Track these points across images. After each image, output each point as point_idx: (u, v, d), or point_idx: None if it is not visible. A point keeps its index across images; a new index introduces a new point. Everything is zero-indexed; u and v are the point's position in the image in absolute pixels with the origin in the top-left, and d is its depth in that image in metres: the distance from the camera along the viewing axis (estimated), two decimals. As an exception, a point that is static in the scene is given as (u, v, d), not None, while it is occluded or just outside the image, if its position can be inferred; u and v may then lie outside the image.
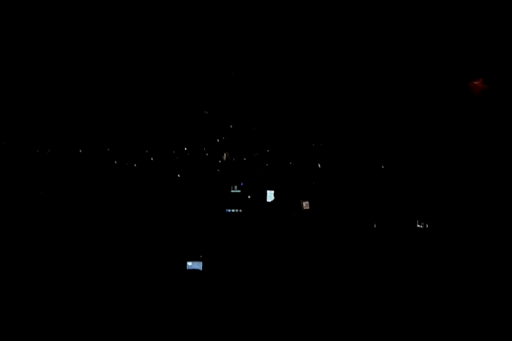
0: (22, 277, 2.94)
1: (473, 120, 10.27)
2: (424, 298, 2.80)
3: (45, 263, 3.13)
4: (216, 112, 15.75)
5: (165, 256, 3.74)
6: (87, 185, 7.27)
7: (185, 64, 14.68)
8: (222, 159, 9.40)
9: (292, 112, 14.30)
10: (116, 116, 13.37)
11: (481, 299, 2.70)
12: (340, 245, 4.29)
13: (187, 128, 15.24)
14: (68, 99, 11.83)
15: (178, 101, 15.21)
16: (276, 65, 14.71)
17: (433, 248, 3.63)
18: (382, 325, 2.70)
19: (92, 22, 12.10)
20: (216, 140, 15.30)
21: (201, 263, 3.60)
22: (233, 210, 7.65)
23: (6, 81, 10.11)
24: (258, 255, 4.59)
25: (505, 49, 9.83)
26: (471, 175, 7.93)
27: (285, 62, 14.32)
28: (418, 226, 4.50)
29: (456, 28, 10.93)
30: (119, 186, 7.60)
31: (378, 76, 13.02)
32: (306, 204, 6.45)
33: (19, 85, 10.29)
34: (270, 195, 7.81)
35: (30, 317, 2.65)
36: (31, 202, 5.25)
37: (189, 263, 3.55)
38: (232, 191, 9.20)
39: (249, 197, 8.20)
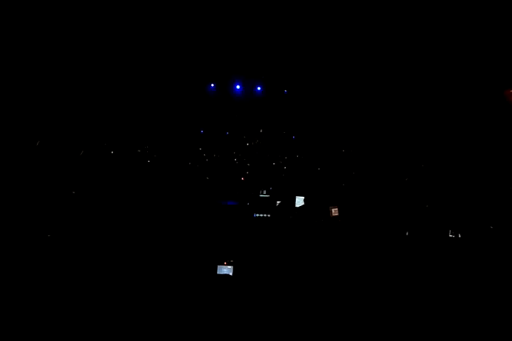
0: (35, 278, 2.95)
1: (509, 128, 10.05)
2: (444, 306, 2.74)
3: (60, 264, 3.15)
4: (246, 116, 15.86)
5: (195, 261, 3.74)
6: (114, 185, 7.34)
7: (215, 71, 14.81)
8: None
9: (323, 118, 14.29)
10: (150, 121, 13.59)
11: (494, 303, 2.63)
12: (368, 252, 4.23)
13: (217, 132, 15.37)
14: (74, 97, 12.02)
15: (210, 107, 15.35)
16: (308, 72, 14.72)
17: (463, 257, 3.54)
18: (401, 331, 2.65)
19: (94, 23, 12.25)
20: (246, 144, 15.41)
21: (231, 267, 3.59)
22: (261, 215, 7.62)
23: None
24: (285, 260, 4.56)
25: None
26: (506, 184, 7.74)
27: (316, 67, 14.29)
28: (450, 235, 4.40)
29: (493, 38, 10.73)
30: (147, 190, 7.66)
31: (411, 84, 12.88)
32: (335, 211, 6.37)
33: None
34: (299, 201, 7.76)
35: (42, 318, 2.66)
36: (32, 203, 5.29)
37: (220, 268, 3.54)
38: (261, 195, 9.19)
39: (278, 202, 8.17)
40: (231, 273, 3.54)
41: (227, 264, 3.60)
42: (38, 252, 3.33)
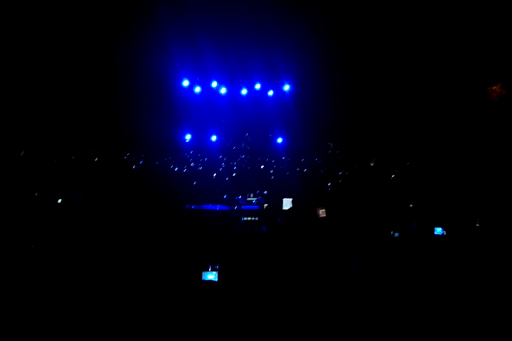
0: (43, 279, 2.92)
1: (491, 124, 10.13)
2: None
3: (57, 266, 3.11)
4: (232, 120, 15.88)
5: (180, 267, 3.69)
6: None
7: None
8: None
9: (309, 119, 14.31)
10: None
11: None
12: (357, 251, 4.21)
13: (203, 136, 15.37)
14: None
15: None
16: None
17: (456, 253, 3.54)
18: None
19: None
20: (232, 147, 15.38)
21: (216, 273, 3.55)
22: (248, 218, 7.60)
23: None
24: (272, 263, 4.54)
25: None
26: (489, 177, 7.80)
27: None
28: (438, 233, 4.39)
29: (475, 34, 10.83)
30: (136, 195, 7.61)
31: (398, 82, 12.96)
32: (322, 212, 6.37)
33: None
34: (287, 203, 7.74)
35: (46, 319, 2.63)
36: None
37: (204, 274, 3.50)
38: (248, 199, 9.18)
39: (265, 205, 8.16)
40: (216, 280, 3.49)
41: (212, 270, 3.56)
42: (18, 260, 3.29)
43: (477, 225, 4.76)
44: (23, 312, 2.64)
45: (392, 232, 5.07)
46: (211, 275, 3.52)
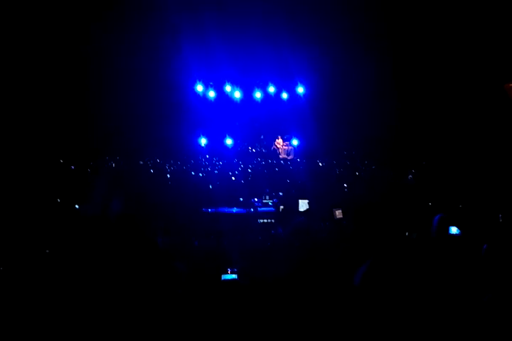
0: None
1: (508, 122, 10.02)
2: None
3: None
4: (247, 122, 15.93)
5: (199, 270, 3.70)
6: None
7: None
8: None
9: (323, 121, 14.30)
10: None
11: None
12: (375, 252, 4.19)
13: (219, 139, 15.44)
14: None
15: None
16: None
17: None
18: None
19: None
20: (247, 150, 15.43)
21: (236, 275, 3.56)
22: (265, 220, 7.61)
23: None
24: (290, 265, 4.53)
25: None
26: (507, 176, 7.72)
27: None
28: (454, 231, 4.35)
29: (492, 32, 10.74)
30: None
31: (402, 79, 12.88)
32: (339, 213, 6.35)
33: None
34: (303, 205, 7.74)
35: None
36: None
37: (224, 276, 3.52)
38: (264, 201, 9.20)
39: (281, 207, 8.16)
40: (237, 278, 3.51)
41: (232, 273, 3.58)
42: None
43: (497, 222, 4.71)
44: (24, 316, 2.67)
45: (408, 233, 5.04)
46: (231, 277, 3.54)
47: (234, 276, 3.56)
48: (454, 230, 3.99)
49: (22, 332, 2.58)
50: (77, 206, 6.44)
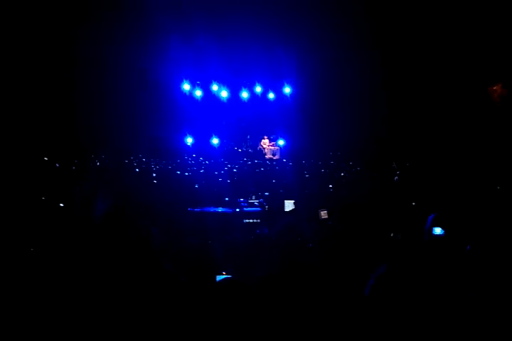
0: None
1: (493, 124, 10.16)
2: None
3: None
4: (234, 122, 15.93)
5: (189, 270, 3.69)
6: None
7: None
8: None
9: (310, 121, 14.36)
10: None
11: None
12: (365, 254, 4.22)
13: (205, 138, 15.42)
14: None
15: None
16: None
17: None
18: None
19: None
20: (233, 150, 15.44)
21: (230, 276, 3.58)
22: (251, 220, 7.62)
23: None
24: (276, 265, 4.56)
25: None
26: (490, 177, 7.82)
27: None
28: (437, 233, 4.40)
29: (475, 35, 10.88)
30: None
31: (393, 82, 12.99)
32: (324, 214, 6.39)
33: None
34: (288, 205, 7.77)
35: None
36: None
37: (219, 278, 3.53)
38: (250, 201, 9.21)
39: (267, 207, 8.19)
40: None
41: (226, 274, 3.58)
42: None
43: (481, 223, 4.77)
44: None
45: (393, 234, 5.08)
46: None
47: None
48: (437, 231, 4.02)
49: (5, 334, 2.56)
50: (61, 204, 6.39)
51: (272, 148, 15.18)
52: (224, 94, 15.27)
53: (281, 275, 3.04)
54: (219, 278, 3.54)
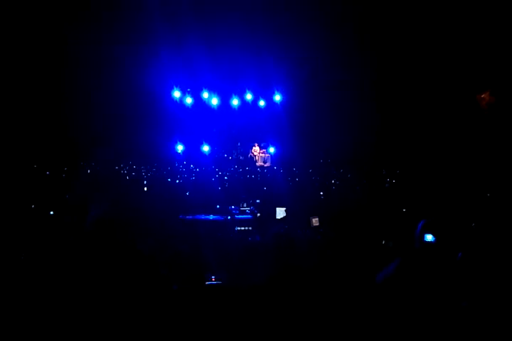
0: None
1: (481, 131, 10.26)
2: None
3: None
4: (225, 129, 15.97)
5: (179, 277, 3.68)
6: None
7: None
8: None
9: (300, 128, 14.41)
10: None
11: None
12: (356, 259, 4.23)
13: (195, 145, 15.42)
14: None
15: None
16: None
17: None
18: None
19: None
20: (224, 157, 15.46)
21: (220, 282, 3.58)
22: (242, 228, 7.62)
23: None
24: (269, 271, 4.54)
25: (512, 61, 9.88)
26: (480, 184, 7.89)
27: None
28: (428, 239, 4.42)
29: (463, 43, 11.01)
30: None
31: (384, 87, 13.09)
32: (315, 221, 6.41)
33: None
34: (280, 213, 7.79)
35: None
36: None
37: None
38: (242, 208, 9.22)
39: (258, 214, 8.20)
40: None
41: (216, 280, 3.59)
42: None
43: (471, 230, 4.79)
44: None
45: (385, 241, 5.10)
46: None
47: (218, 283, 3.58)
48: (429, 238, 4.03)
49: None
50: (51, 212, 6.35)
51: (263, 155, 15.19)
52: (214, 101, 15.26)
53: (275, 281, 3.04)
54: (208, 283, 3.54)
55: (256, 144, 15.31)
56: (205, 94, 15.22)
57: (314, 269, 4.02)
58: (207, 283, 3.50)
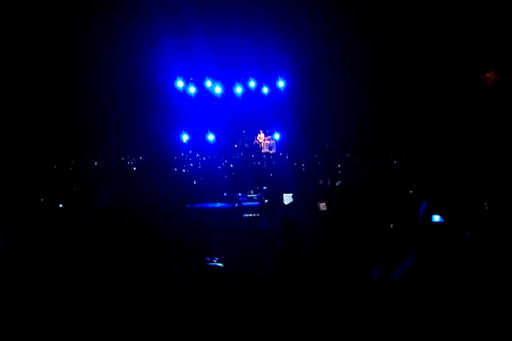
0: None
1: (486, 111, 10.18)
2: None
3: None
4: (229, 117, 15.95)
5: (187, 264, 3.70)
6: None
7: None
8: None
9: (305, 116, 14.37)
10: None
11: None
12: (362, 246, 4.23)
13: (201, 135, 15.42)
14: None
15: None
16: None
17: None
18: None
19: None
20: (229, 145, 15.46)
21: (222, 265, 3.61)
22: (250, 215, 7.65)
23: None
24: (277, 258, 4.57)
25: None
26: (486, 163, 7.85)
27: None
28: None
29: (467, 23, 10.88)
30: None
31: (384, 75, 12.99)
32: (322, 206, 6.42)
33: None
34: (287, 198, 7.80)
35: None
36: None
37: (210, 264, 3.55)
38: (249, 195, 9.24)
39: (265, 201, 8.22)
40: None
41: (218, 262, 3.61)
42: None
43: (481, 210, 4.77)
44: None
45: (393, 224, 5.10)
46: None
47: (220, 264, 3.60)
48: (436, 218, 4.02)
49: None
50: (60, 205, 6.40)
51: (268, 142, 15.17)
52: (218, 89, 15.21)
53: (281, 271, 3.04)
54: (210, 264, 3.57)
55: (261, 131, 15.27)
56: (208, 83, 15.16)
57: (321, 255, 4.03)
58: (209, 264, 3.52)
